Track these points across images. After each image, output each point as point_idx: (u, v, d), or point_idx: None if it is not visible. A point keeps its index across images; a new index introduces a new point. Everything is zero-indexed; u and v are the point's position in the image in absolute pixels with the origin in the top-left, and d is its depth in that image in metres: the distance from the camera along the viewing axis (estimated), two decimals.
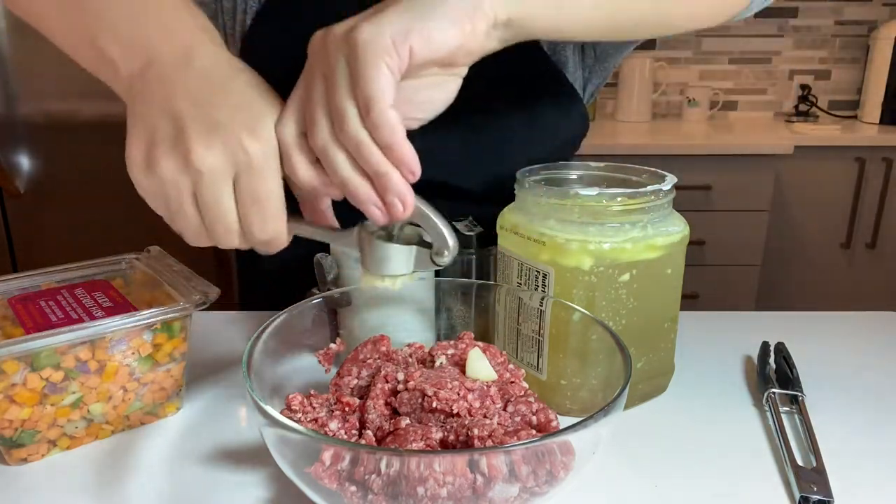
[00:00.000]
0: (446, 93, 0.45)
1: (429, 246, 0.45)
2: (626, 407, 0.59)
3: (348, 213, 0.47)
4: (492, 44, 0.44)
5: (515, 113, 0.73)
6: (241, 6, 0.73)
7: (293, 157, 0.42)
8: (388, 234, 0.46)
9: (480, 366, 0.49)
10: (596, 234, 0.54)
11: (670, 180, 0.58)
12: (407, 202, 0.42)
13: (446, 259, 0.44)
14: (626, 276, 0.55)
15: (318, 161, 0.43)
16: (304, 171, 0.43)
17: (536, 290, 0.57)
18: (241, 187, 0.42)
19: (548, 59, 0.75)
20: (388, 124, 0.39)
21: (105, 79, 0.48)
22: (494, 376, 0.49)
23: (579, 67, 0.79)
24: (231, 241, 0.45)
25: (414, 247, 0.45)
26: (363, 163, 0.41)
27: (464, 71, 0.45)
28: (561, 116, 0.76)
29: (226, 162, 0.41)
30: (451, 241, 0.44)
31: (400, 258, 0.45)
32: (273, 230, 0.44)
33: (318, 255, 0.66)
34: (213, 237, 0.45)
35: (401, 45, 0.39)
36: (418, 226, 0.45)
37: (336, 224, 0.50)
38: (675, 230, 0.58)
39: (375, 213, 0.42)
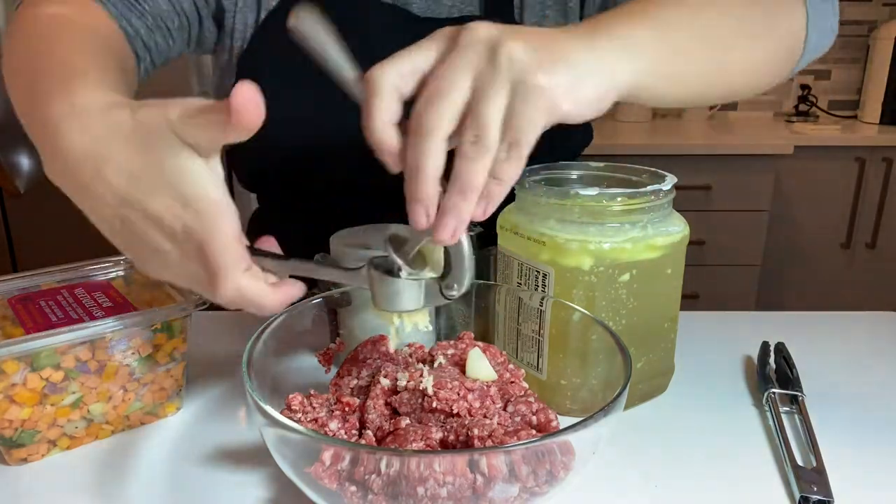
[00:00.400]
0: None
1: (441, 278, 0.44)
2: (626, 407, 0.59)
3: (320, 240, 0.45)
4: None
5: None
6: (241, 27, 0.75)
7: (380, 105, 0.39)
8: (396, 271, 0.45)
9: (480, 365, 0.49)
10: (596, 234, 0.54)
11: (670, 180, 0.58)
12: (458, 233, 0.40)
13: (456, 292, 0.43)
14: (626, 276, 0.55)
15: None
16: (382, 124, 0.39)
17: (536, 290, 0.57)
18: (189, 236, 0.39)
19: None
20: (518, 167, 0.39)
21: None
22: (494, 376, 0.49)
23: None
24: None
25: (423, 281, 0.44)
26: (469, 175, 0.38)
27: None
28: (568, 128, 0.77)
29: (168, 203, 0.38)
30: (467, 278, 0.42)
31: (411, 294, 0.44)
32: (226, 290, 0.40)
33: (318, 256, 0.66)
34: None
35: (561, 106, 0.39)
36: (429, 256, 0.44)
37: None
38: (675, 230, 0.58)
39: (422, 220, 0.40)
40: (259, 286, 0.41)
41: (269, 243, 0.44)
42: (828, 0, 0.60)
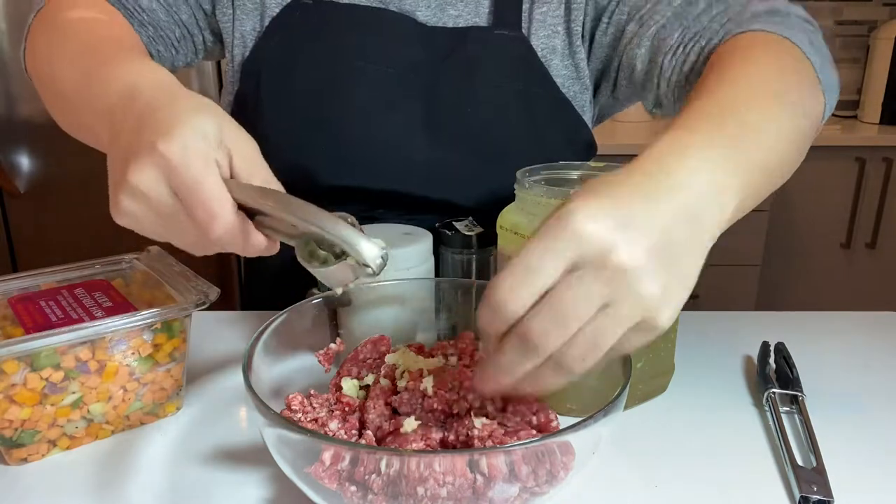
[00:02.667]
0: None
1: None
2: (626, 407, 0.59)
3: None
4: None
5: (522, 140, 0.74)
6: (239, 36, 0.76)
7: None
8: (324, 258, 0.45)
9: None
10: None
11: None
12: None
13: (376, 271, 0.42)
14: None
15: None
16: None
17: None
18: (174, 188, 0.41)
19: (558, 92, 0.75)
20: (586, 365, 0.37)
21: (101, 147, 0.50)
22: None
23: (590, 104, 0.79)
24: (197, 245, 0.44)
25: (343, 263, 0.44)
26: (518, 371, 0.38)
27: None
28: (567, 144, 0.77)
29: (153, 177, 0.41)
30: (368, 255, 0.41)
31: (336, 277, 0.44)
32: (220, 221, 0.41)
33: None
34: (182, 243, 0.44)
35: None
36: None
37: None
38: None
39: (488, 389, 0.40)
40: (248, 228, 0.43)
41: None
42: (827, 60, 0.58)
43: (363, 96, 0.73)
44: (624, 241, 0.34)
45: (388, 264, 0.58)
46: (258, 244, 0.44)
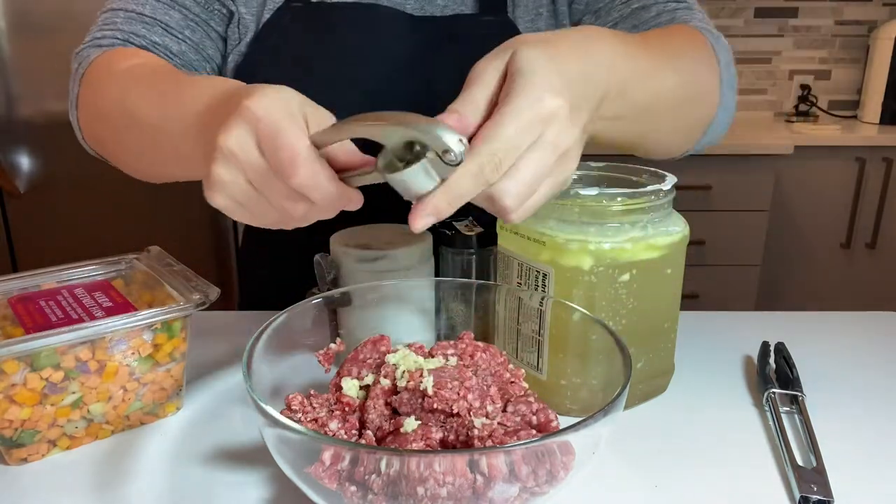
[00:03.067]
0: None
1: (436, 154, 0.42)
2: (626, 407, 0.59)
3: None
4: None
5: None
6: (232, 49, 0.77)
7: None
8: (401, 161, 0.44)
9: None
10: (596, 234, 0.54)
11: (670, 180, 0.58)
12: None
13: (454, 156, 0.41)
14: (626, 276, 0.55)
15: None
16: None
17: (536, 290, 0.57)
18: (260, 140, 0.43)
19: None
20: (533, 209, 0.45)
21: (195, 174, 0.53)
22: None
23: None
24: (285, 213, 0.46)
25: (424, 161, 0.42)
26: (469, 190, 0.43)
27: None
28: None
29: (242, 133, 0.43)
30: (446, 138, 0.41)
31: (419, 178, 0.43)
32: (302, 161, 0.43)
33: (318, 256, 0.66)
34: (270, 216, 0.46)
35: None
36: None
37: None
38: (676, 230, 0.58)
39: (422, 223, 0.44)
40: (330, 173, 0.44)
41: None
42: (733, 88, 0.66)
43: (359, 94, 0.73)
44: (563, 101, 0.43)
45: (388, 264, 0.58)
46: (342, 191, 0.45)
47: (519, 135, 0.41)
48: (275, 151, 0.42)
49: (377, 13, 0.75)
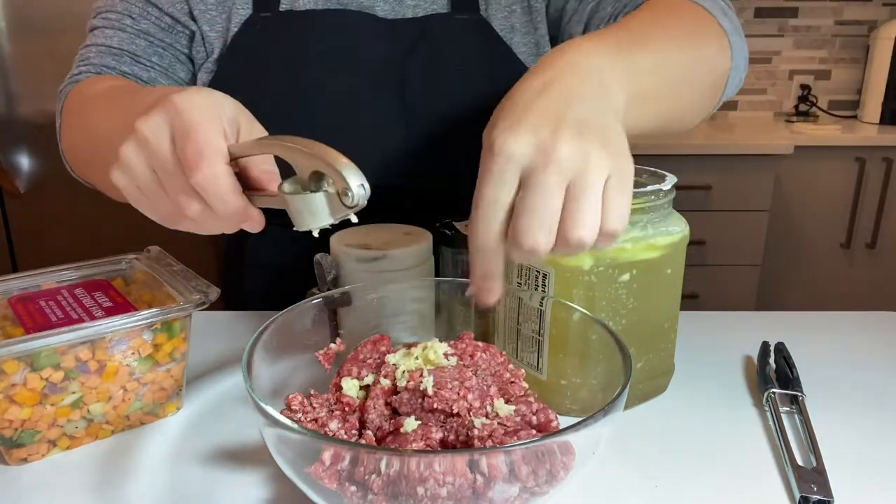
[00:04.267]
0: None
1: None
2: (626, 407, 0.59)
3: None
4: None
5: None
6: (200, 67, 0.78)
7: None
8: (305, 191, 0.44)
9: None
10: None
11: (670, 180, 0.58)
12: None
13: (352, 197, 0.41)
14: (626, 276, 0.55)
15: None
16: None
17: (536, 290, 0.57)
18: (173, 131, 0.43)
19: (523, 68, 0.77)
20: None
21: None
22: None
23: None
24: (174, 214, 0.45)
25: (322, 194, 0.43)
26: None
27: None
28: None
29: (159, 122, 0.43)
30: (350, 178, 0.41)
31: (314, 207, 0.43)
32: (208, 161, 0.42)
33: (318, 256, 0.66)
34: (160, 211, 0.46)
35: None
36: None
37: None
38: (676, 230, 0.58)
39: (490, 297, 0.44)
40: (233, 181, 0.43)
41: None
42: (741, 34, 0.64)
43: (335, 101, 0.74)
44: (545, 137, 0.39)
45: (388, 264, 0.58)
46: (239, 204, 0.43)
47: (488, 191, 0.40)
48: (184, 144, 0.42)
49: (347, 18, 0.75)
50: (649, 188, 0.56)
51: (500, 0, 0.77)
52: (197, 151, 0.41)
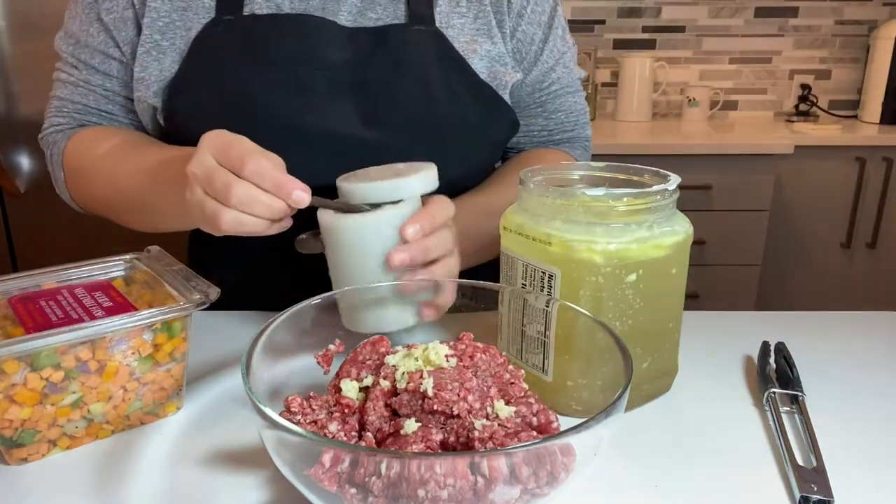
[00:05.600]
0: None
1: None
2: (630, 407, 0.59)
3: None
4: None
5: (448, 124, 0.80)
6: (157, 74, 0.78)
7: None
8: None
9: None
10: (602, 234, 0.54)
11: (675, 180, 0.58)
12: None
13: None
14: (632, 277, 0.55)
15: None
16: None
17: (542, 291, 0.57)
18: (215, 155, 0.58)
19: (477, 78, 0.80)
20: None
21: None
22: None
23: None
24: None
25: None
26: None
27: None
28: (489, 124, 0.84)
29: (203, 156, 0.58)
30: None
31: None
32: (253, 164, 0.56)
33: (302, 235, 0.66)
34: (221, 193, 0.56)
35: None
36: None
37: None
38: (680, 230, 0.58)
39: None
40: (276, 165, 0.58)
41: None
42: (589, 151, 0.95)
43: (295, 101, 0.75)
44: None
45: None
46: (286, 179, 0.57)
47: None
48: (227, 155, 0.56)
49: (309, 23, 0.76)
50: (655, 188, 0.56)
51: (452, 21, 0.79)
52: (238, 155, 0.56)
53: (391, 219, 0.62)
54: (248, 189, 0.56)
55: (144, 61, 0.77)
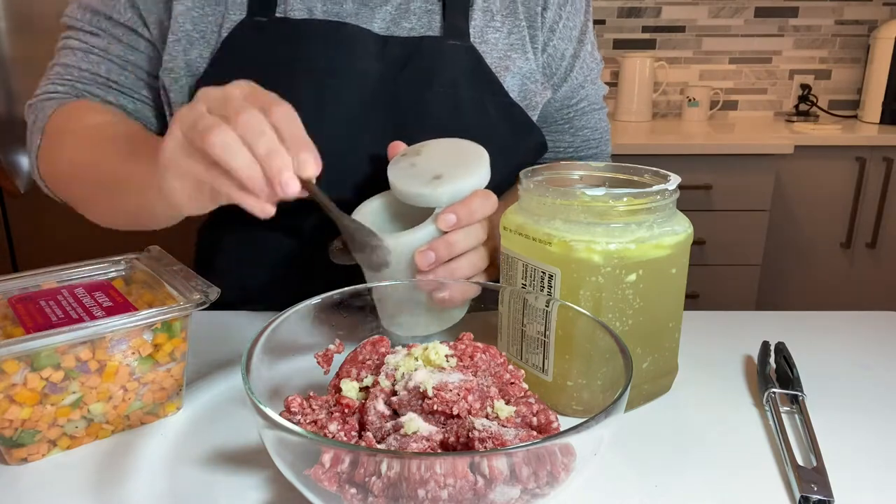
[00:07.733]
0: None
1: None
2: (631, 407, 0.59)
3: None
4: None
5: (477, 141, 0.77)
6: (185, 69, 0.78)
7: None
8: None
9: None
10: (602, 234, 0.54)
11: (675, 180, 0.58)
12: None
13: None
14: (632, 277, 0.55)
15: None
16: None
17: (542, 291, 0.57)
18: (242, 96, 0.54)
19: (507, 97, 0.80)
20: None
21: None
22: None
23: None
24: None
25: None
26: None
27: None
28: (518, 143, 0.83)
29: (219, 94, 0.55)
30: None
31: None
32: (282, 107, 0.53)
33: (334, 247, 0.65)
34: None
35: None
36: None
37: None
38: (680, 230, 0.58)
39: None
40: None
41: None
42: None
43: (329, 111, 0.74)
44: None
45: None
46: (307, 140, 0.54)
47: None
48: (256, 97, 0.54)
49: (343, 30, 0.75)
50: (655, 188, 0.56)
51: (487, 36, 0.79)
52: (269, 99, 0.53)
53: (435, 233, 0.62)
54: (258, 119, 0.51)
55: (174, 50, 0.76)
